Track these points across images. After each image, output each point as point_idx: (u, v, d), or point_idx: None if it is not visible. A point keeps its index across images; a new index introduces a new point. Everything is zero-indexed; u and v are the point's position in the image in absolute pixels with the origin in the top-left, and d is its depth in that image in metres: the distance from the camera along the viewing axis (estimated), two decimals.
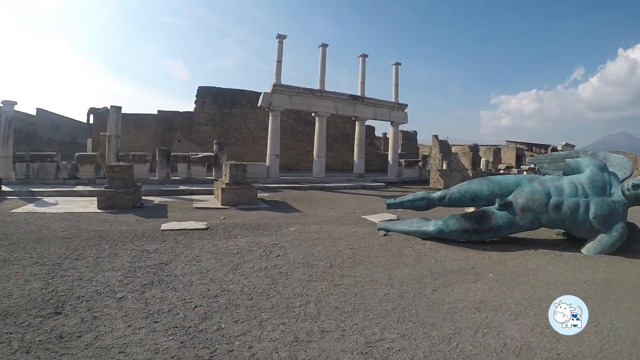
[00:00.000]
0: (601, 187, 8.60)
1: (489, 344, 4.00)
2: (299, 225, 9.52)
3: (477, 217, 8.56)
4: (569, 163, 9.73)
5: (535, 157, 12.48)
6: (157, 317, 4.07)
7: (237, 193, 12.37)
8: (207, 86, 26.27)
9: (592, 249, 8.28)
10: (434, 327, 4.27)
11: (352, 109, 23.62)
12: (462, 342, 4.00)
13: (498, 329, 4.40)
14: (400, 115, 26.02)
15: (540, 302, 5.36)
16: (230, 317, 4.20)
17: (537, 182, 8.85)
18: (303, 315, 4.34)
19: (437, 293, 5.39)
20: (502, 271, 6.69)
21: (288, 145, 27.73)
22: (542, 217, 8.45)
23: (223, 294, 4.84)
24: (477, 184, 9.25)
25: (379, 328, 4.15)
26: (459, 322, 4.47)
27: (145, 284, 5.02)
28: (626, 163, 9.84)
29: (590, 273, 6.96)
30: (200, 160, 18.31)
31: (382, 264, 6.59)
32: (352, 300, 4.90)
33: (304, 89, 21.46)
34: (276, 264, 6.27)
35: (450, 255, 7.44)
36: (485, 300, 5.24)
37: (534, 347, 4.03)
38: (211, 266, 5.95)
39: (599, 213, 8.15)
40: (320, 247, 7.55)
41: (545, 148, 55.94)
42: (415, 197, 9.65)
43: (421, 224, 8.81)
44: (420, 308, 4.79)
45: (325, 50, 22.65)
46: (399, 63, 25.96)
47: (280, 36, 20.62)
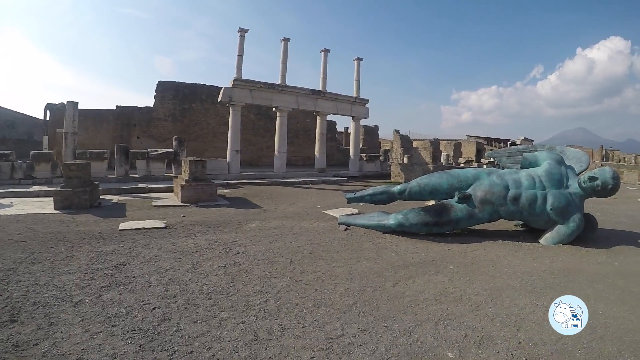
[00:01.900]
0: (558, 179, 8.87)
1: (450, 336, 4.06)
2: (260, 222, 9.46)
3: (437, 210, 8.68)
4: (527, 157, 10.00)
5: (494, 151, 12.68)
6: (115, 321, 3.99)
7: (197, 190, 12.21)
8: (166, 80, 25.57)
9: (550, 239, 8.53)
10: (395, 321, 4.30)
11: (313, 103, 23.62)
12: (424, 334, 4.04)
13: (459, 320, 4.46)
14: (361, 110, 26.14)
15: (500, 292, 5.47)
16: (189, 317, 4.14)
17: (495, 176, 9.03)
18: (263, 313, 4.31)
19: (398, 286, 5.43)
20: (463, 262, 6.80)
21: (249, 141, 27.61)
22: (501, 209, 8.64)
23: (182, 294, 4.76)
24: (437, 178, 9.37)
25: (340, 323, 4.16)
26: (419, 314, 4.52)
27: (103, 287, 4.90)
28: (582, 157, 10.17)
29: (548, 263, 7.14)
30: (160, 157, 17.94)
31: (343, 259, 6.60)
32: (312, 296, 4.89)
33: (265, 83, 21.23)
34: (236, 261, 6.21)
35: (411, 248, 7.51)
36: (446, 292, 5.31)
37: (494, 337, 4.11)
38: (170, 266, 5.85)
39: (557, 205, 8.40)
40: (281, 243, 7.51)
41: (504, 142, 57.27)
42: (375, 191, 9.73)
43: (382, 218, 8.90)
44: (381, 302, 4.82)
45: (287, 44, 22.51)
46: (361, 58, 26.10)
47: (241, 30, 20.35)
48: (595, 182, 8.47)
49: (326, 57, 24.45)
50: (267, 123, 28.26)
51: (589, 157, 10.81)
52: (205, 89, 26.75)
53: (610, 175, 8.53)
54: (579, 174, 9.38)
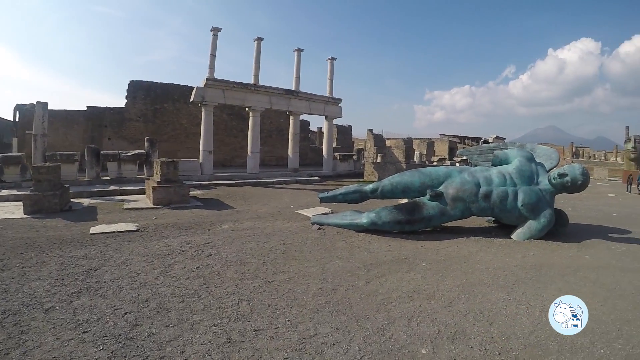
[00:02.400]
0: (529, 176, 9.03)
1: (423, 332, 4.10)
2: (232, 223, 9.43)
3: (409, 208, 8.76)
4: (498, 154, 10.16)
5: (466, 149, 12.83)
6: (87, 327, 3.93)
7: (169, 191, 12.09)
8: (138, 80, 25.05)
9: (522, 234, 8.71)
10: (368, 319, 4.33)
11: (286, 103, 23.46)
12: (397, 331, 4.08)
13: (432, 316, 4.51)
14: (334, 109, 26.17)
15: (472, 287, 5.55)
16: (161, 321, 4.10)
17: (467, 173, 9.16)
18: (236, 315, 4.30)
19: (371, 285, 5.47)
20: (435, 259, 6.87)
21: (222, 141, 27.14)
22: (473, 206, 8.78)
23: (154, 298, 4.72)
24: (409, 176, 9.44)
25: (313, 323, 4.17)
26: (392, 312, 4.56)
27: (74, 293, 4.83)
28: (552, 154, 10.38)
29: (520, 257, 7.28)
30: (131, 159, 17.63)
31: (316, 258, 6.62)
32: (285, 297, 4.90)
33: (237, 83, 21.07)
34: (208, 263, 6.19)
35: (384, 247, 7.57)
36: (419, 289, 5.36)
37: (467, 332, 4.16)
38: (141, 269, 5.79)
39: (527, 201, 8.56)
40: (253, 244, 7.50)
41: (477, 140, 58.08)
42: (348, 190, 9.79)
43: (354, 217, 8.95)
44: (354, 300, 4.85)
45: (261, 44, 22.09)
46: (334, 58, 26.12)
47: (214, 29, 20.14)
48: (565, 178, 8.65)
49: (299, 56, 24.42)
50: (240, 123, 28.02)
51: (559, 154, 11.07)
52: (177, 88, 26.32)
53: (580, 171, 8.72)
54: (549, 171, 9.55)
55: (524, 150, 10.08)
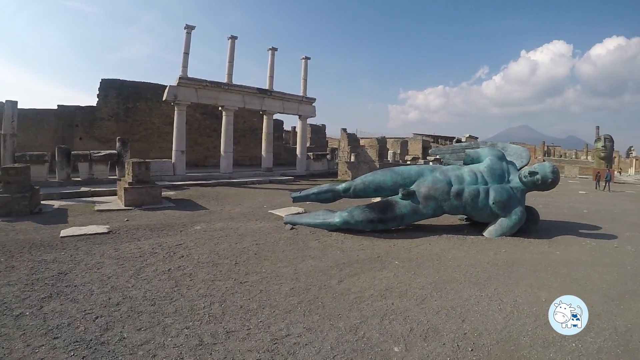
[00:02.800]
0: (500, 174, 9.20)
1: (396, 330, 4.13)
2: (205, 224, 9.38)
3: (382, 206, 8.82)
4: (469, 153, 10.29)
5: (438, 149, 12.94)
6: (57, 333, 3.86)
7: (141, 192, 11.94)
8: (110, 78, 24.43)
9: (494, 231, 8.86)
10: (340, 318, 4.35)
11: (260, 102, 23.37)
12: (369, 330, 4.10)
13: (404, 314, 4.54)
14: (308, 109, 26.17)
15: (444, 285, 5.62)
16: (132, 325, 4.05)
17: (438, 172, 9.26)
18: (207, 317, 4.28)
19: (343, 284, 5.49)
20: (408, 257, 6.93)
21: (195, 141, 26.72)
22: (445, 205, 8.88)
23: (125, 302, 4.65)
24: (381, 175, 9.51)
25: (285, 324, 4.17)
26: (365, 310, 4.58)
27: (44, 298, 4.73)
28: (523, 152, 10.60)
29: (492, 254, 7.40)
30: (103, 159, 17.23)
31: (288, 258, 6.62)
32: (257, 297, 4.88)
33: (211, 82, 20.79)
34: (180, 265, 6.13)
35: (357, 246, 7.60)
36: (391, 287, 5.40)
37: (440, 329, 4.21)
38: (112, 272, 5.71)
39: (498, 199, 8.72)
40: (226, 244, 7.47)
41: (450, 140, 58.75)
42: (320, 189, 9.80)
43: (327, 216, 8.97)
44: (327, 300, 4.86)
45: (234, 42, 22.28)
46: (309, 57, 26.12)
47: (188, 27, 19.93)
48: (536, 176, 8.89)
49: (273, 55, 24.34)
50: (213, 122, 27.62)
51: (530, 153, 11.33)
52: (150, 87, 25.68)
53: (550, 169, 8.97)
54: (520, 169, 9.75)
55: (495, 149, 10.25)
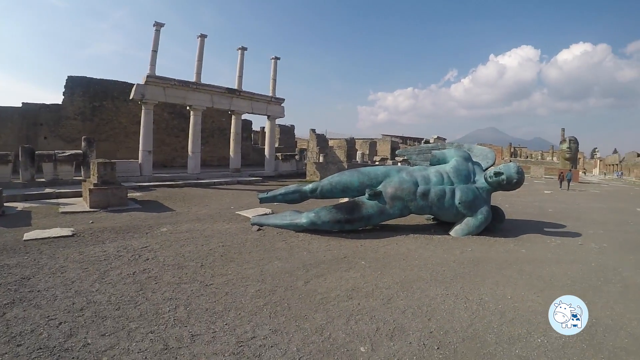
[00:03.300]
0: (465, 175, 9.34)
1: (362, 330, 4.14)
2: (171, 225, 9.26)
3: (349, 207, 8.85)
4: (436, 154, 10.42)
5: (405, 149, 13.07)
6: (20, 340, 3.76)
7: (107, 194, 11.72)
8: (77, 76, 23.70)
9: (460, 231, 9.00)
10: (306, 319, 4.34)
11: (228, 102, 23.49)
12: (335, 330, 4.11)
13: (370, 314, 4.55)
14: (277, 109, 26.23)
15: (411, 284, 5.66)
16: (97, 330, 3.97)
17: (405, 172, 9.36)
18: (173, 321, 4.22)
19: (310, 284, 5.48)
20: (375, 257, 6.96)
21: (163, 141, 26.42)
22: (411, 205, 8.97)
23: (89, 306, 4.55)
24: (348, 176, 9.56)
25: (251, 326, 4.14)
26: (331, 311, 4.58)
27: (6, 304, 4.59)
28: (489, 153, 10.78)
29: (458, 253, 7.50)
30: (68, 159, 16.78)
31: (255, 260, 6.58)
32: (223, 300, 4.84)
33: (179, 81, 20.71)
34: (145, 268, 6.03)
35: (323, 246, 7.61)
36: (358, 288, 5.42)
37: (406, 328, 4.23)
38: (77, 277, 5.57)
39: (464, 199, 8.87)
40: (192, 246, 7.38)
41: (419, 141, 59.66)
42: (287, 190, 9.81)
43: (294, 217, 8.98)
44: (293, 301, 4.85)
45: (204, 41, 22.23)
46: (278, 57, 26.17)
47: (157, 24, 19.62)
48: (501, 176, 9.08)
49: (243, 55, 24.28)
50: (181, 122, 27.35)
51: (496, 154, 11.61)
52: (117, 85, 25.03)
53: (515, 170, 9.15)
54: (485, 170, 9.92)
55: (461, 150, 10.39)
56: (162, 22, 19.86)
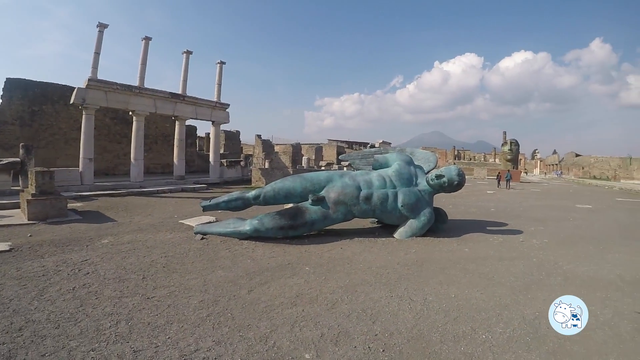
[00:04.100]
0: (408, 178, 9.56)
1: (307, 337, 4.15)
2: (113, 237, 9.02)
3: (292, 213, 8.87)
4: (378, 158, 10.59)
5: (348, 154, 13.11)
6: None
7: (45, 204, 11.25)
8: (16, 78, 22.62)
9: (404, 233, 9.19)
10: (250, 329, 4.32)
11: (172, 107, 22.87)
12: (280, 339, 4.11)
13: (315, 320, 4.58)
14: (222, 115, 25.96)
15: (355, 287, 5.73)
16: (36, 351, 3.82)
17: (347, 177, 9.47)
18: (114, 337, 4.11)
19: (253, 293, 5.46)
20: (319, 263, 7.02)
21: (105, 148, 25.63)
22: (354, 209, 9.10)
23: (28, 326, 4.36)
24: (290, 181, 9.57)
25: (194, 338, 4.09)
26: (275, 319, 4.58)
27: None
28: (430, 157, 11.06)
29: (403, 255, 7.66)
30: (5, 168, 15.82)
31: (198, 270, 6.50)
32: (165, 313, 4.74)
33: (121, 85, 19.99)
34: (85, 282, 5.83)
35: (268, 253, 7.60)
36: (302, 294, 5.45)
37: (351, 333, 4.27)
38: (14, 294, 5.33)
39: (407, 201, 9.08)
40: (134, 258, 7.21)
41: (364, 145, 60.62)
42: (230, 197, 9.69)
43: (237, 225, 8.92)
44: (236, 311, 4.82)
45: (148, 43, 21.52)
46: (224, 62, 25.96)
47: (101, 25, 18.90)
48: (442, 179, 9.34)
49: (188, 59, 23.92)
50: (124, 128, 26.40)
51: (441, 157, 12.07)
52: (57, 89, 23.93)
53: (456, 172, 9.44)
54: (427, 173, 10.16)
55: (403, 154, 10.65)
56: (106, 23, 19.26)
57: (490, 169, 49.27)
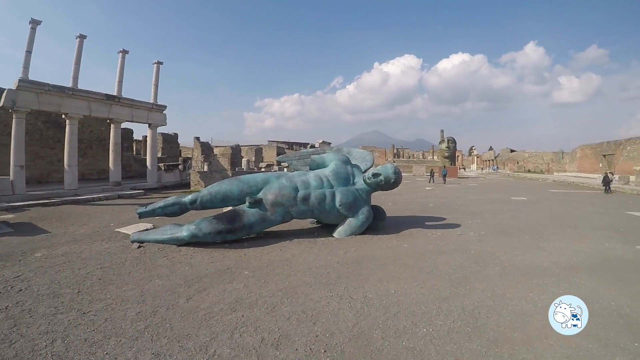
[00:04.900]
0: (345, 177, 9.67)
1: (247, 343, 4.14)
2: (46, 249, 8.61)
3: (229, 216, 8.77)
4: (315, 159, 10.69)
5: (285, 155, 13.09)
6: None
7: None
8: None
9: (343, 232, 9.31)
10: (189, 338, 4.27)
11: (107, 110, 22.04)
12: (220, 346, 4.07)
13: (255, 325, 4.57)
14: (159, 117, 25.35)
15: (295, 289, 5.76)
16: None
17: (284, 178, 9.49)
18: (50, 357, 3.97)
19: (192, 301, 5.39)
20: (258, 266, 7.00)
21: (37, 154, 23.98)
22: (292, 210, 9.13)
23: None
24: (227, 185, 9.48)
25: (133, 352, 4.00)
26: (215, 326, 4.54)
27: None
28: (367, 156, 11.26)
29: (342, 254, 7.74)
30: None
31: (135, 280, 6.33)
32: (102, 327, 4.60)
33: (54, 86, 18.85)
34: (18, 300, 5.55)
35: (206, 259, 7.51)
36: (241, 299, 5.42)
37: (292, 335, 4.29)
38: None
39: (345, 200, 9.19)
40: (69, 271, 6.91)
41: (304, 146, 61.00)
42: (166, 203, 9.50)
43: (175, 231, 8.69)
44: (175, 320, 4.74)
45: (83, 42, 20.62)
46: (161, 62, 25.35)
47: (34, 21, 17.88)
48: (379, 177, 9.53)
49: (124, 58, 23.13)
50: (57, 132, 24.71)
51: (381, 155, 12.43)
52: None
53: (392, 170, 9.65)
54: (364, 172, 10.33)
55: (340, 154, 10.76)
56: (39, 20, 18.17)
57: (428, 166, 50.85)
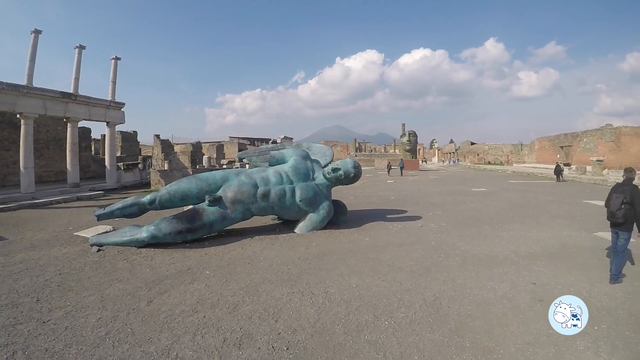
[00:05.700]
0: (304, 173, 9.70)
1: (209, 344, 4.12)
2: (3, 257, 8.26)
3: (189, 216, 8.65)
4: (274, 155, 10.65)
5: (245, 151, 13.06)
6: None
7: None
8: None
9: (304, 227, 9.37)
10: (151, 342, 4.21)
11: (63, 108, 20.89)
12: (182, 349, 4.04)
13: (217, 325, 4.55)
14: (117, 115, 24.62)
15: (256, 287, 5.75)
16: None
17: (244, 175, 9.45)
18: None
19: (153, 304, 5.32)
20: (219, 265, 6.96)
21: None
22: (253, 207, 9.09)
23: None
24: (186, 183, 9.37)
25: None
26: (176, 329, 4.50)
27: None
28: (327, 151, 11.31)
29: (303, 250, 7.77)
30: None
31: (94, 285, 6.18)
32: (63, 336, 4.48)
33: (7, 84, 17.71)
34: None
35: (167, 260, 7.41)
36: (203, 300, 5.38)
37: (254, 334, 4.28)
38: None
39: (305, 196, 9.24)
40: (27, 279, 6.67)
41: (266, 141, 60.89)
42: (125, 204, 9.31)
43: (134, 232, 8.53)
44: (136, 325, 4.66)
45: (38, 37, 19.63)
46: (119, 58, 24.59)
47: None
48: (339, 172, 9.58)
49: (81, 54, 22.24)
50: (12, 133, 23.45)
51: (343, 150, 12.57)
52: None
53: (352, 165, 9.71)
54: (324, 167, 10.36)
55: (299, 150, 10.77)
56: None
57: (390, 160, 51.61)
